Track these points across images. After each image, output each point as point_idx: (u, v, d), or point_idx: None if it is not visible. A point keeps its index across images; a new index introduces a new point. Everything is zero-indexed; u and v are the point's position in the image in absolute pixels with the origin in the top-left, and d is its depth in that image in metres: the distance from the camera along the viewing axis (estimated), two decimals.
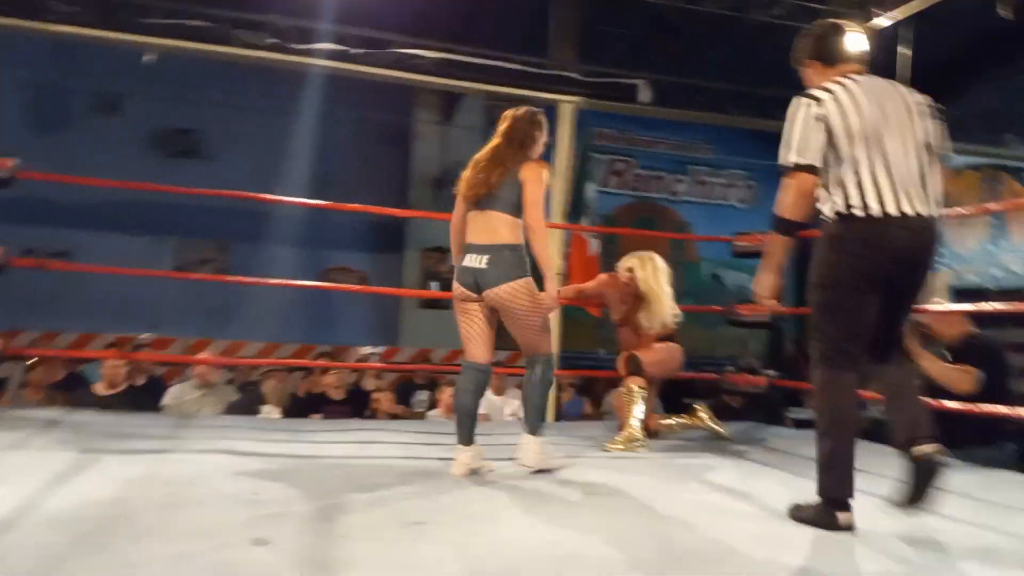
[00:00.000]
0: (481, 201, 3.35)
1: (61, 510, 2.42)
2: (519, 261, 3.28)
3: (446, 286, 11.13)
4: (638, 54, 10.16)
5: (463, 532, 2.42)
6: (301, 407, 5.91)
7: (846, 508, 2.56)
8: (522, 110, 3.53)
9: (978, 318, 4.35)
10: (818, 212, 2.66)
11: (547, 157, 3.59)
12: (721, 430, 4.47)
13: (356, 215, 10.48)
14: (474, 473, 3.27)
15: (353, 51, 6.50)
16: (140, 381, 5.98)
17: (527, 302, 3.27)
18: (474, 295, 3.31)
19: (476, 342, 3.37)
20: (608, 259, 6.97)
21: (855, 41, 2.80)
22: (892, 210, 2.55)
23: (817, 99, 2.64)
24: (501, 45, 7.94)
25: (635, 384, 4.21)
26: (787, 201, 2.64)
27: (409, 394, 7.31)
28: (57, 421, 4.05)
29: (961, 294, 11.38)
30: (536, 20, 9.35)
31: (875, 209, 2.55)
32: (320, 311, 10.35)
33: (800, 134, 2.61)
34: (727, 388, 4.97)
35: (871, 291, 2.60)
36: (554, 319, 6.44)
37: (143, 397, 5.57)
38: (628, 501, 2.93)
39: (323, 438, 4.07)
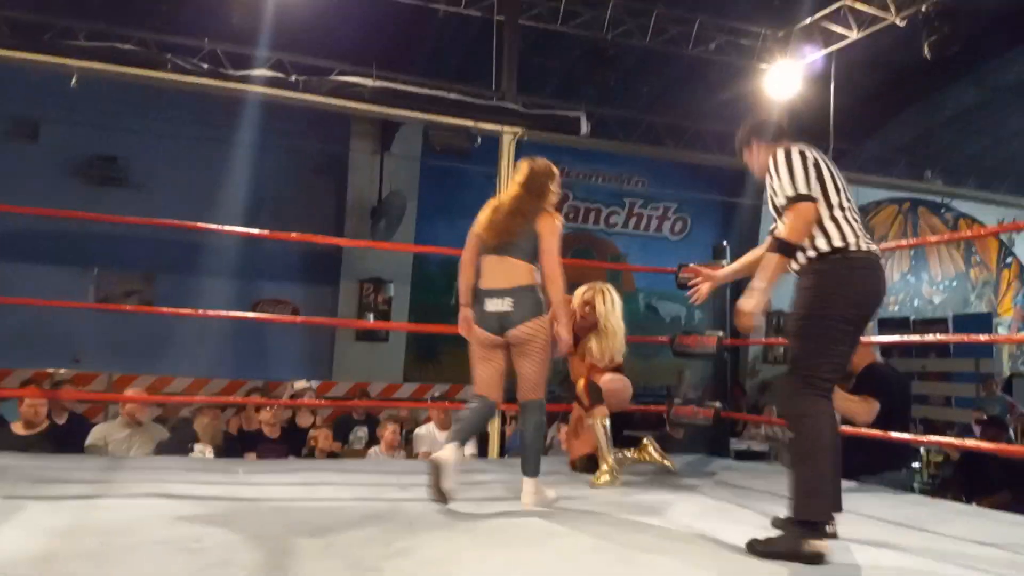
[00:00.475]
0: (500, 247, 3.50)
1: None
2: (539, 301, 3.48)
3: (382, 317, 10.97)
4: (573, 87, 10.30)
5: None
6: (235, 445, 5.67)
7: (822, 534, 2.60)
8: (539, 161, 3.66)
9: (893, 348, 4.54)
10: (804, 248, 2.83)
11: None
12: (668, 464, 4.44)
13: (289, 246, 10.26)
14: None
15: (291, 78, 6.36)
16: (61, 420, 5.64)
17: (544, 339, 3.47)
18: (498, 339, 3.49)
19: (493, 385, 3.57)
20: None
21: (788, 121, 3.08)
22: (873, 248, 2.83)
23: (802, 149, 2.89)
24: (439, 74, 7.95)
25: (600, 414, 4.18)
26: (796, 226, 2.78)
27: (347, 431, 7.11)
28: None
29: (883, 324, 11.78)
30: (473, 51, 9.40)
31: (864, 247, 2.79)
32: (251, 344, 10.04)
33: (800, 172, 2.82)
34: (673, 420, 4.96)
35: (859, 324, 2.80)
36: None
37: (65, 437, 5.25)
38: (587, 540, 2.86)
39: (262, 479, 3.89)
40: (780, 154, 2.88)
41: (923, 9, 7.53)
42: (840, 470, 2.73)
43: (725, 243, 5.44)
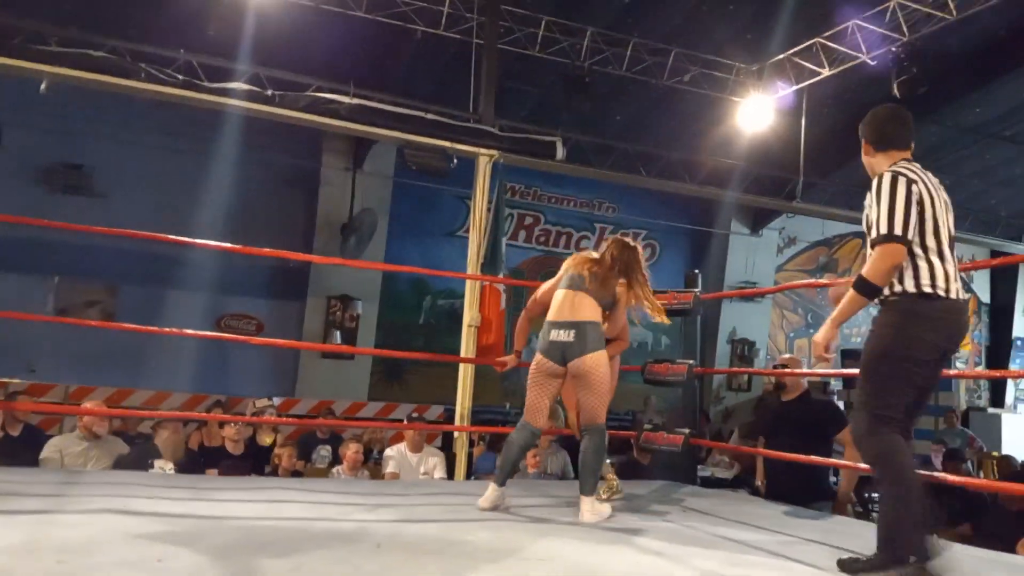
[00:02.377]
0: (574, 283, 3.83)
1: None
2: (600, 336, 3.77)
3: (349, 337, 10.83)
4: (548, 112, 10.36)
5: None
6: (196, 461, 5.55)
7: (909, 567, 2.63)
8: (631, 243, 4.00)
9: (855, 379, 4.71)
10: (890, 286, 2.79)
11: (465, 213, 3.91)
12: (619, 490, 4.41)
13: (256, 260, 10.14)
14: (495, 509, 3.70)
15: (267, 93, 6.31)
16: (15, 431, 5.48)
17: (604, 371, 3.72)
18: (560, 368, 3.75)
19: (543, 412, 3.84)
20: (514, 312, 6.95)
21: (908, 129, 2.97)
22: (959, 295, 2.79)
23: (912, 180, 2.78)
24: (414, 95, 7.94)
25: None
26: (883, 269, 2.72)
27: (310, 449, 7.00)
28: None
29: (847, 355, 11.94)
30: (449, 72, 9.42)
31: (952, 291, 2.76)
32: (214, 359, 9.87)
33: (901, 209, 2.72)
34: (642, 446, 4.95)
35: (936, 366, 2.82)
36: (466, 375, 6.35)
37: (19, 449, 5.11)
38: (560, 567, 2.83)
39: (226, 496, 3.80)
40: (886, 179, 2.79)
41: (893, 49, 7.72)
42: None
43: (697, 271, 5.47)
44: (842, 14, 8.27)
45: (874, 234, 2.76)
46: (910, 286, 2.74)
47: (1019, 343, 15.55)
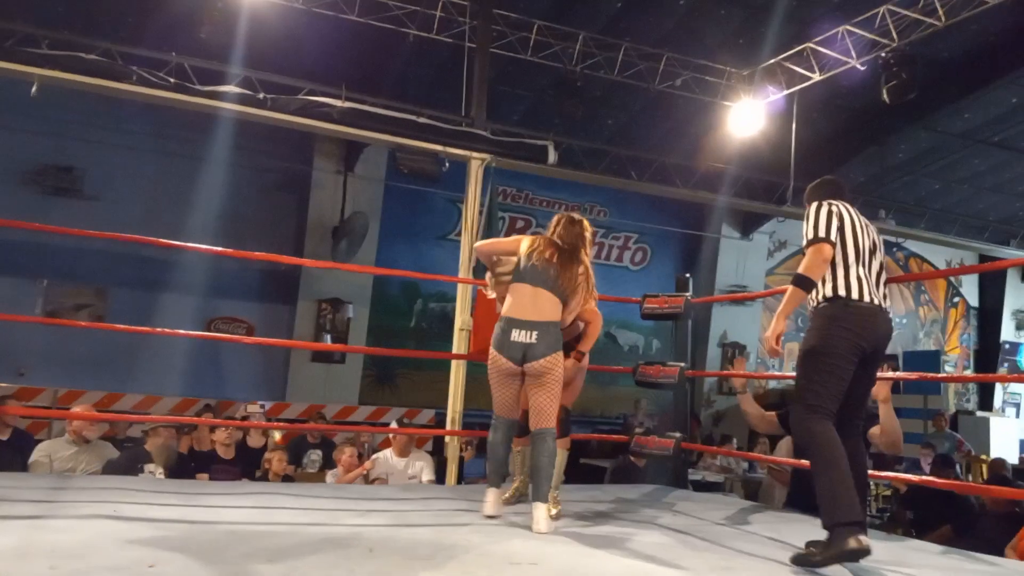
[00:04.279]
0: (536, 278, 3.68)
1: None
2: (560, 335, 3.70)
3: (339, 340, 10.82)
4: (540, 115, 10.39)
5: None
6: (187, 466, 5.53)
7: (862, 530, 2.84)
8: (577, 217, 3.91)
9: None
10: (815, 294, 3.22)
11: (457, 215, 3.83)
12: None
13: (247, 263, 10.12)
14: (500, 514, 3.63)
15: (259, 96, 6.30)
16: (4, 435, 5.46)
17: (560, 371, 3.67)
18: (517, 368, 3.63)
19: (512, 406, 3.74)
20: None
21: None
22: (874, 300, 3.18)
23: (832, 204, 3.28)
24: (406, 98, 7.95)
25: (564, 447, 4.07)
26: (814, 262, 3.17)
27: (300, 453, 6.99)
28: None
29: None
30: (441, 76, 9.43)
31: (866, 297, 3.15)
32: (204, 362, 9.85)
33: (824, 221, 3.21)
34: (635, 450, 4.96)
35: (855, 363, 3.12)
36: (458, 378, 6.35)
37: (8, 453, 5.08)
38: (551, 571, 2.83)
39: (217, 501, 3.79)
40: (812, 207, 3.30)
41: (883, 55, 7.77)
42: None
43: (688, 275, 5.49)
44: (832, 20, 8.33)
45: (804, 242, 3.24)
46: (829, 293, 3.18)
47: (1007, 347, 15.66)
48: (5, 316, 7.13)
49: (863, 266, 3.21)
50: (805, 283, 3.16)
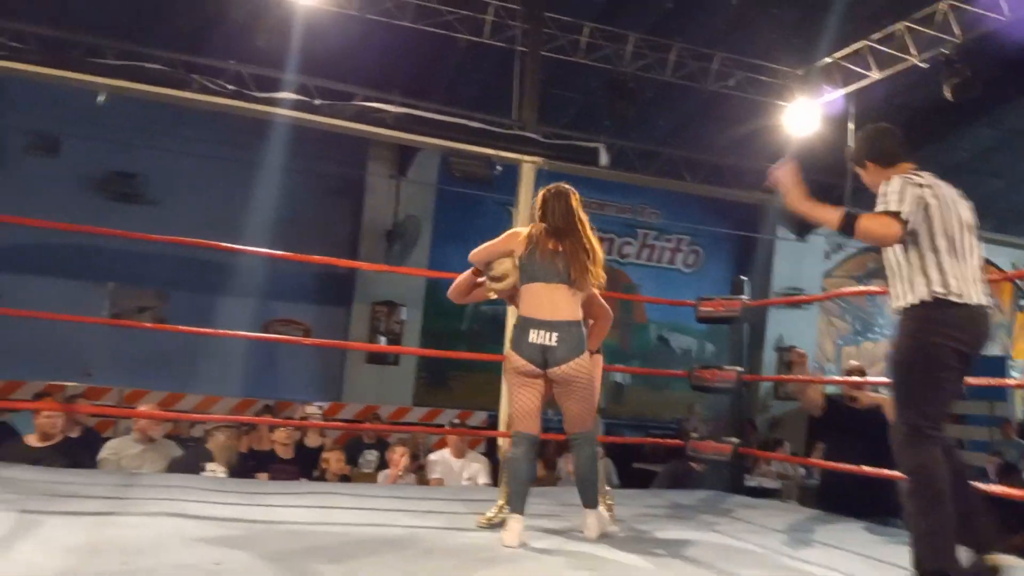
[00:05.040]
0: (548, 275, 3.40)
1: None
2: (584, 337, 3.41)
3: (394, 340, 10.91)
4: (591, 117, 10.36)
5: None
6: (246, 465, 5.65)
7: None
8: (564, 188, 3.62)
9: None
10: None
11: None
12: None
13: (303, 266, 10.28)
14: (524, 545, 3.16)
15: (315, 102, 6.41)
16: (75, 433, 5.64)
17: (590, 375, 3.40)
18: (538, 370, 3.34)
19: (533, 416, 3.40)
20: None
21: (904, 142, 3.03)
22: (978, 299, 2.78)
23: (920, 184, 2.82)
24: (457, 102, 8.01)
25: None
26: (873, 227, 2.75)
27: (357, 453, 7.09)
28: None
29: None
30: (491, 80, 9.47)
31: (967, 297, 2.74)
32: (262, 364, 10.05)
33: (899, 196, 2.76)
34: (691, 454, 4.92)
35: (961, 372, 2.77)
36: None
37: (78, 450, 5.24)
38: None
39: (278, 501, 3.87)
40: (894, 181, 2.84)
41: (944, 51, 7.57)
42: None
43: (744, 278, 5.43)
44: (890, 16, 8.14)
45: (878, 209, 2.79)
46: (923, 292, 2.75)
47: None
48: (74, 317, 7.37)
49: (957, 257, 2.79)
50: (851, 232, 2.79)
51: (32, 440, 5.01)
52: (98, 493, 3.66)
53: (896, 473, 3.84)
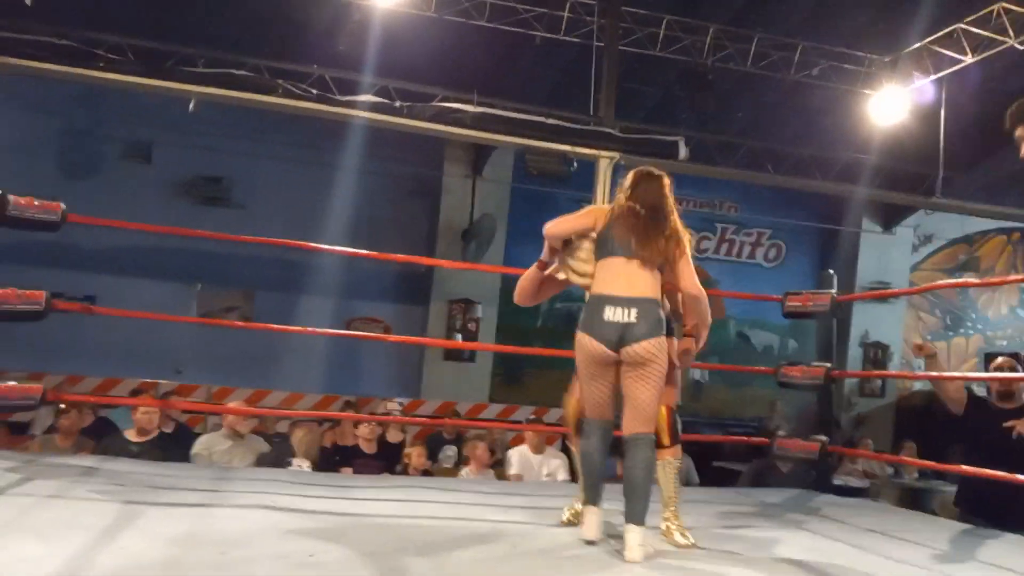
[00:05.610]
0: (623, 249, 3.12)
1: (111, 572, 2.29)
2: (663, 319, 3.12)
3: (470, 338, 11.00)
4: (668, 110, 10.22)
5: None
6: (331, 459, 5.78)
7: None
8: (655, 172, 3.33)
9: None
10: None
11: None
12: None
13: (382, 265, 10.46)
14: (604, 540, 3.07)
15: (395, 104, 6.50)
16: (169, 428, 5.87)
17: (665, 361, 3.09)
18: (613, 355, 3.03)
19: (607, 405, 3.15)
20: None
21: None
22: None
23: None
24: (533, 99, 8.00)
25: (675, 455, 3.43)
26: None
27: (436, 449, 7.17)
28: (93, 469, 3.93)
29: (991, 359, 11.21)
30: (567, 75, 9.43)
31: None
32: (343, 361, 10.26)
33: None
34: (777, 453, 4.80)
35: None
36: None
37: (173, 445, 5.45)
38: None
39: (364, 494, 3.93)
40: None
41: None
42: None
43: (832, 272, 5.27)
44: None
45: None
46: None
47: None
48: (165, 317, 7.68)
49: None
50: None
51: (131, 435, 5.23)
52: (194, 486, 3.79)
53: None
